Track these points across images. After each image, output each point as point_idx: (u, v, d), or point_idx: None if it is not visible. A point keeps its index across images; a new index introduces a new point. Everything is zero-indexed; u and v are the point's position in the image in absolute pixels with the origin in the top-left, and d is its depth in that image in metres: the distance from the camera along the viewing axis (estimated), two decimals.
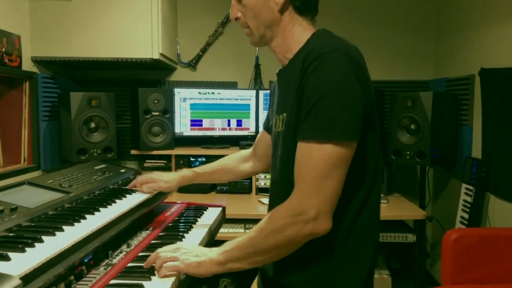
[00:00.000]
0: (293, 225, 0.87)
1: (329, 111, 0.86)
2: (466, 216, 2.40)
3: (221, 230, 1.87)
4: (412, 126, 2.46)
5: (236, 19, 1.07)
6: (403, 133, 2.51)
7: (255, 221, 2.29)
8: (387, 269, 2.30)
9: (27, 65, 2.53)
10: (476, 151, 2.46)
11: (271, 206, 1.09)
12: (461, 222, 2.45)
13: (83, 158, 2.51)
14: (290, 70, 1.01)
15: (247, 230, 2.25)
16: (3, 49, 2.29)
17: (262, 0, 1.01)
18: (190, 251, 1.01)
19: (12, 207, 1.00)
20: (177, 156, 2.71)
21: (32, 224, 1.00)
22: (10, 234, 0.92)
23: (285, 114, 1.01)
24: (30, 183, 1.23)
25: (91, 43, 2.54)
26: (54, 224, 0.99)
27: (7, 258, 0.79)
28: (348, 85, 0.87)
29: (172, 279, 0.99)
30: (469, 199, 2.39)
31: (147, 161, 2.78)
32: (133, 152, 2.73)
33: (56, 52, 2.56)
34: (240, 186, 2.69)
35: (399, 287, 2.81)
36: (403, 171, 3.00)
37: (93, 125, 2.55)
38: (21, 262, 0.79)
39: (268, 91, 2.55)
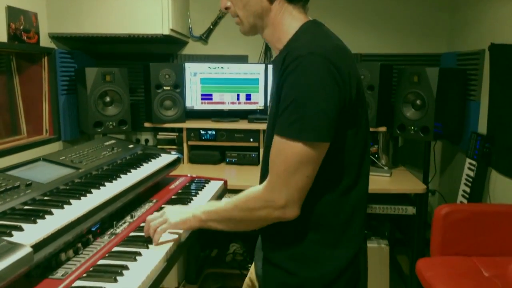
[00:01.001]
0: (264, 209, 0.98)
1: (301, 112, 0.91)
2: (468, 190, 2.45)
3: (226, 199, 2.00)
4: (418, 102, 2.48)
5: (226, 8, 1.10)
6: (408, 108, 2.53)
7: None
8: (386, 239, 2.39)
9: (45, 41, 2.64)
10: (482, 127, 2.47)
11: (261, 178, 1.16)
12: (463, 196, 2.50)
13: (99, 130, 2.66)
14: (277, 62, 1.04)
15: None
16: (21, 27, 2.40)
17: None
18: (174, 211, 1.14)
19: (27, 182, 1.14)
20: (188, 129, 2.82)
21: (45, 198, 1.13)
22: (25, 207, 1.06)
23: (271, 105, 1.08)
24: (45, 159, 1.36)
25: (104, 19, 2.62)
26: (64, 198, 1.12)
27: (20, 229, 0.93)
28: (322, 89, 0.90)
29: (168, 246, 1.12)
30: (471, 173, 2.43)
31: (159, 133, 2.91)
32: (146, 125, 2.86)
33: (71, 29, 2.66)
34: (248, 158, 2.79)
35: (400, 255, 2.92)
36: (411, 144, 3.03)
37: (108, 99, 2.67)
38: (33, 233, 0.93)
39: None
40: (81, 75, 2.64)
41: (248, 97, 2.94)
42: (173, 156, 1.73)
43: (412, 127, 2.50)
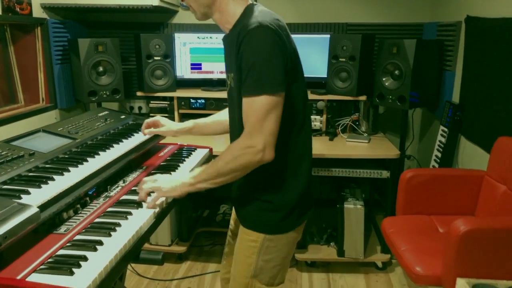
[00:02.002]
0: (246, 155, 1.17)
1: (259, 73, 1.14)
2: (440, 155, 2.63)
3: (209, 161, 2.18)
4: (396, 72, 2.61)
5: (182, 0, 1.29)
6: (387, 78, 2.66)
7: None
8: (362, 200, 2.59)
9: (37, 12, 2.72)
10: (457, 96, 2.62)
11: (231, 140, 1.39)
12: (435, 161, 2.69)
13: (93, 99, 2.79)
14: (230, 39, 1.25)
15: None
16: None
17: None
18: (165, 179, 1.32)
19: (31, 152, 1.30)
20: (178, 98, 2.95)
21: (46, 166, 1.30)
22: (30, 174, 1.23)
23: (232, 74, 1.26)
24: (45, 130, 1.51)
25: None
26: (63, 166, 1.29)
27: (28, 193, 1.10)
28: (271, 52, 1.14)
29: (155, 209, 1.29)
30: (443, 140, 2.61)
31: (151, 102, 3.04)
32: (138, 93, 2.99)
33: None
34: None
35: (379, 214, 3.15)
36: (392, 112, 3.18)
37: (101, 69, 2.78)
38: (38, 196, 1.10)
39: None
40: (74, 46, 2.73)
41: None
42: None
43: (390, 96, 2.65)
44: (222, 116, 1.68)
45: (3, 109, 2.67)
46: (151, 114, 3.09)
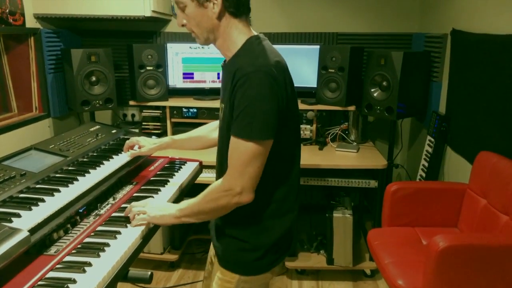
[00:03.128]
0: (224, 197, 1.20)
1: (250, 118, 1.13)
2: (427, 165, 2.69)
3: (204, 174, 2.23)
4: (384, 83, 2.66)
5: (183, 25, 1.28)
6: (375, 89, 2.71)
7: None
8: (351, 209, 2.65)
9: (30, 22, 2.74)
10: (443, 107, 2.67)
11: (216, 173, 1.41)
12: (422, 170, 2.75)
13: (86, 108, 2.82)
14: (228, 70, 1.24)
15: None
16: (7, 10, 2.50)
17: (202, 11, 1.21)
18: (155, 206, 1.35)
19: (22, 172, 1.33)
20: (171, 107, 2.99)
21: (37, 186, 1.33)
22: (21, 195, 1.26)
23: (223, 105, 1.28)
24: (36, 148, 1.55)
25: (87, 1, 2.71)
26: (54, 186, 1.32)
27: (18, 216, 1.13)
28: (264, 99, 1.13)
29: (143, 227, 1.34)
30: (430, 150, 2.66)
31: (144, 110, 3.08)
32: (131, 103, 3.02)
33: (55, 10, 2.76)
34: None
35: (369, 221, 3.20)
36: (381, 120, 3.23)
37: (94, 78, 2.81)
38: (29, 218, 1.14)
39: None
40: (67, 56, 2.76)
41: None
42: None
43: (378, 107, 2.70)
44: (200, 132, 1.72)
45: None
46: (143, 123, 3.13)
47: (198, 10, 1.21)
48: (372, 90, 2.72)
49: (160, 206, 1.35)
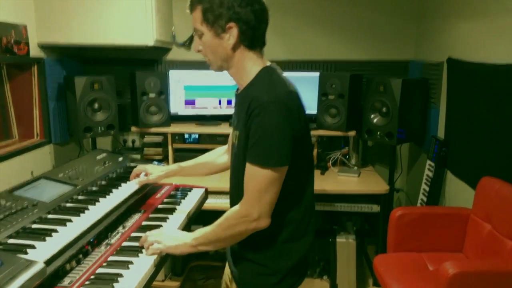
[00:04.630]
0: (242, 224, 1.22)
1: (266, 146, 1.17)
2: (427, 189, 2.72)
3: (209, 200, 2.23)
4: (384, 109, 2.72)
5: (199, 51, 1.33)
6: (375, 114, 2.77)
7: None
8: (354, 234, 2.65)
9: (34, 50, 2.78)
10: (442, 131, 2.72)
11: (231, 199, 1.42)
12: (423, 194, 2.77)
13: (89, 135, 2.83)
14: (243, 99, 1.27)
15: None
16: (12, 40, 2.54)
17: (218, 41, 1.25)
18: (170, 236, 1.36)
19: (34, 202, 1.33)
20: (172, 133, 3.01)
21: (49, 216, 1.33)
22: (33, 226, 1.26)
23: (238, 133, 1.30)
24: (46, 177, 1.55)
25: (91, 30, 2.76)
26: (66, 216, 1.32)
27: (33, 247, 1.13)
28: (279, 128, 1.17)
29: (154, 256, 1.33)
30: (430, 174, 2.70)
31: (146, 136, 3.10)
32: (133, 129, 3.04)
33: (59, 39, 2.80)
34: None
35: (371, 245, 3.19)
36: (381, 145, 3.27)
37: (96, 105, 2.84)
38: (44, 250, 1.13)
39: None
40: (70, 83, 2.79)
41: (229, 102, 3.13)
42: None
43: (378, 132, 2.75)
44: (206, 158, 1.75)
45: None
46: (145, 149, 3.14)
47: (214, 39, 1.25)
48: (372, 116, 2.77)
49: (175, 236, 1.35)
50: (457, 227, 2.09)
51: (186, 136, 3.01)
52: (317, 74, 2.97)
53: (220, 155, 1.74)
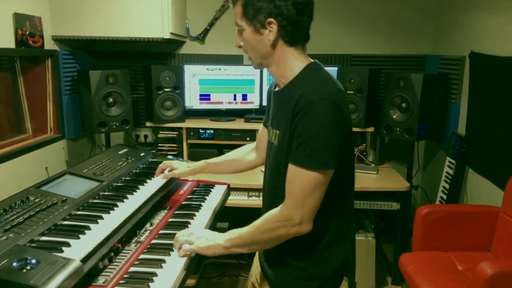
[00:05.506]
0: (283, 227, 1.16)
1: (314, 147, 1.11)
2: (447, 186, 2.67)
3: (231, 197, 2.19)
4: (403, 105, 2.67)
5: (239, 47, 1.28)
6: (394, 110, 2.72)
7: (257, 190, 2.60)
8: (373, 232, 2.61)
9: (48, 43, 2.74)
10: (462, 128, 2.68)
11: (264, 203, 1.38)
12: (443, 192, 2.73)
13: (103, 130, 2.79)
14: (285, 97, 1.21)
15: (250, 198, 2.55)
16: (27, 32, 2.49)
17: (257, 37, 1.19)
18: (202, 236, 1.31)
19: (63, 199, 1.30)
20: (187, 128, 2.97)
21: (79, 213, 1.29)
22: (65, 223, 1.22)
23: (278, 132, 1.24)
24: (71, 173, 1.51)
25: (105, 23, 2.72)
26: (96, 213, 1.29)
27: (68, 245, 1.09)
28: (329, 129, 1.11)
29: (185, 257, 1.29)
30: (451, 171, 2.65)
31: (160, 132, 3.05)
32: (148, 124, 3.00)
33: (73, 31, 2.76)
34: None
35: (385, 243, 3.16)
36: (397, 142, 3.23)
37: (111, 100, 2.79)
38: (78, 247, 1.10)
39: None
40: (84, 77, 2.75)
41: (244, 97, 3.09)
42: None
43: (398, 129, 2.70)
44: (234, 156, 1.68)
45: (12, 140, 2.65)
46: (159, 144, 3.10)
47: (254, 35, 1.20)
48: (391, 111, 2.72)
49: (207, 236, 1.30)
50: (485, 225, 2.05)
51: (201, 131, 2.97)
52: (335, 68, 2.92)
53: (248, 153, 1.67)
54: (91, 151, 3.31)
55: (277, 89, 1.31)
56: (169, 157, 2.04)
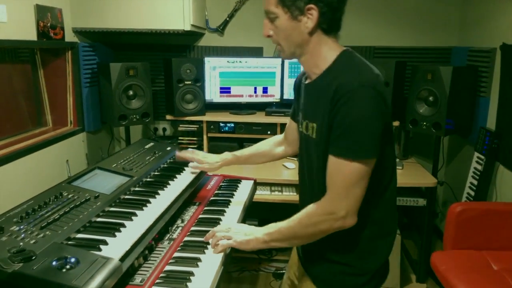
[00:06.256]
0: (326, 221, 1.12)
1: (356, 136, 1.06)
2: (475, 183, 2.60)
3: (257, 192, 2.15)
4: (431, 98, 2.59)
5: (268, 36, 1.21)
6: (421, 104, 2.64)
7: (279, 185, 2.55)
8: (397, 227, 2.55)
9: (69, 36, 2.71)
10: (491, 123, 2.60)
11: (302, 197, 1.33)
12: (470, 188, 2.66)
13: (123, 123, 2.76)
14: (320, 87, 1.17)
15: (272, 193, 2.51)
16: (49, 24, 2.47)
17: (293, 24, 1.14)
18: (239, 230, 1.27)
19: (96, 195, 1.26)
20: (208, 122, 2.93)
21: (111, 209, 1.26)
22: (99, 219, 1.19)
23: (315, 125, 1.19)
24: (100, 168, 1.48)
25: (126, 15, 2.68)
26: (129, 209, 1.26)
27: (105, 243, 1.06)
28: (371, 117, 1.06)
29: (222, 253, 1.26)
30: (479, 167, 2.58)
31: (180, 125, 3.02)
32: (168, 117, 2.96)
33: (94, 24, 2.72)
34: None
35: (407, 239, 3.10)
36: (420, 136, 3.15)
37: (131, 93, 2.76)
38: (115, 246, 1.06)
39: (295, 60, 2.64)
40: (105, 69, 2.71)
41: (265, 90, 3.04)
42: None
43: (424, 123, 2.63)
44: (263, 148, 1.65)
45: (33, 133, 2.64)
46: (179, 137, 3.07)
47: (290, 23, 1.14)
48: (418, 105, 2.65)
49: (245, 230, 1.27)
50: None
51: (222, 125, 2.93)
52: None
53: (277, 145, 1.64)
54: (110, 144, 3.29)
55: (308, 81, 1.26)
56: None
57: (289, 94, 3.02)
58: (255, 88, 3.03)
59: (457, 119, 2.64)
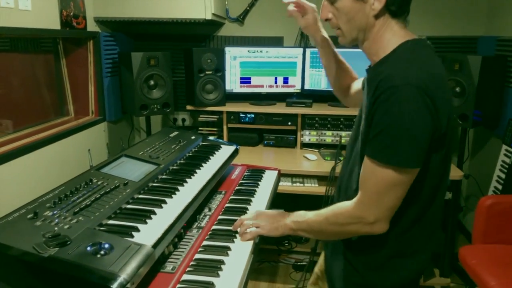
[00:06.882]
0: (353, 224, 1.06)
1: (392, 139, 0.95)
2: (503, 176, 2.53)
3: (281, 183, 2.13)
4: (457, 89, 2.52)
5: (327, 19, 1.12)
6: None
7: (301, 176, 2.52)
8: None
9: (90, 25, 2.71)
10: None
11: (339, 185, 1.25)
12: (497, 181, 2.59)
13: (144, 113, 2.76)
14: (370, 77, 1.07)
15: (294, 184, 2.48)
16: (71, 13, 2.47)
17: (358, 6, 1.03)
18: (267, 218, 1.25)
19: (125, 182, 1.26)
20: (228, 112, 2.91)
21: (141, 196, 1.25)
22: (129, 206, 1.18)
23: (364, 116, 1.07)
24: (126, 155, 1.47)
25: (147, 4, 2.67)
26: (158, 197, 1.25)
27: (137, 229, 1.05)
28: (414, 119, 0.93)
29: (251, 242, 1.24)
30: (507, 160, 2.50)
31: (201, 116, 3.00)
32: (188, 107, 2.95)
33: (115, 13, 2.72)
34: (285, 140, 2.89)
35: None
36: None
37: (152, 82, 2.75)
38: (147, 232, 1.05)
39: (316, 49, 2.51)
40: (126, 59, 2.71)
41: (285, 80, 3.00)
42: (232, 147, 1.84)
43: None
44: (351, 70, 1.47)
45: (56, 122, 2.66)
46: (199, 128, 3.05)
47: (355, 4, 1.04)
48: None
49: (273, 218, 1.25)
50: None
51: (242, 115, 2.90)
52: None
53: (353, 81, 1.47)
54: (130, 134, 3.31)
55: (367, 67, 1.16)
56: (227, 142, 1.95)
57: (310, 85, 2.98)
58: (276, 79, 2.99)
59: (485, 110, 2.56)
